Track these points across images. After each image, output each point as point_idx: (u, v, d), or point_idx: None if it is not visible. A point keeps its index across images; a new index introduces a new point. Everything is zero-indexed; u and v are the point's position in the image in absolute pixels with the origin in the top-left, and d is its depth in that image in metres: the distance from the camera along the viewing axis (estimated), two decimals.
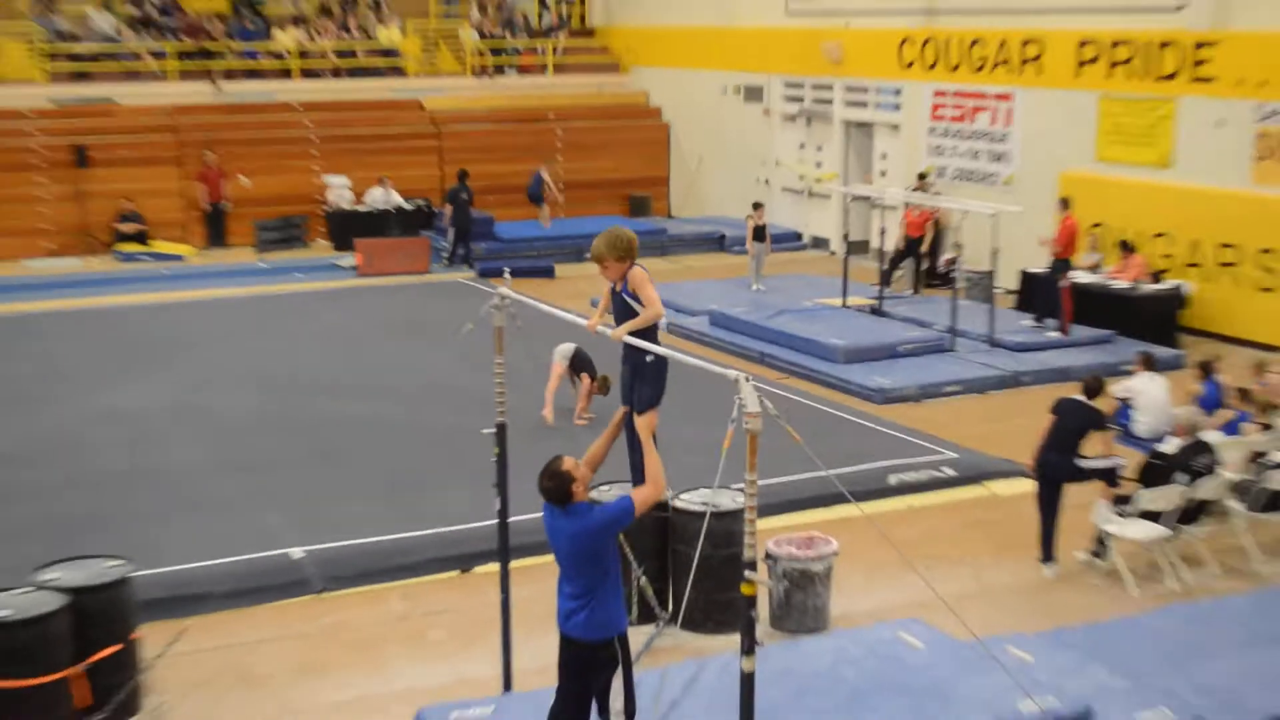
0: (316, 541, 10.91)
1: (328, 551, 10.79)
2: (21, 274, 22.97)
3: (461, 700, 7.94)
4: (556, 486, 6.48)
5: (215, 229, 25.18)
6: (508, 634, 8.27)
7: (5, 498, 12.22)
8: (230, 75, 27.10)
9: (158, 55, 26.68)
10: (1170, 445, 11.27)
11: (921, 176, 22.08)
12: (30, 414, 14.88)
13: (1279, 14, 17.45)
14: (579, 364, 14.38)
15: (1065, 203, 17.73)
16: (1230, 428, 12.31)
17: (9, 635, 7.77)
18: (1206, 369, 13.36)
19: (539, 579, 10.40)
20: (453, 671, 9.12)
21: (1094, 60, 19.91)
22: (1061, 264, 17.34)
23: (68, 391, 15.74)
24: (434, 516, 11.53)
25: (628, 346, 7.20)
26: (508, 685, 8.27)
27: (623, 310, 7.29)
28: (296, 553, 10.72)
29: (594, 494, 8.77)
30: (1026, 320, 18.12)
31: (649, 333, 7.19)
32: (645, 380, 7.20)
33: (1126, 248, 18.54)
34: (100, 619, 8.20)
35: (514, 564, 8.55)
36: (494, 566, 9.04)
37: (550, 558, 10.50)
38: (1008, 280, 19.49)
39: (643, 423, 7.11)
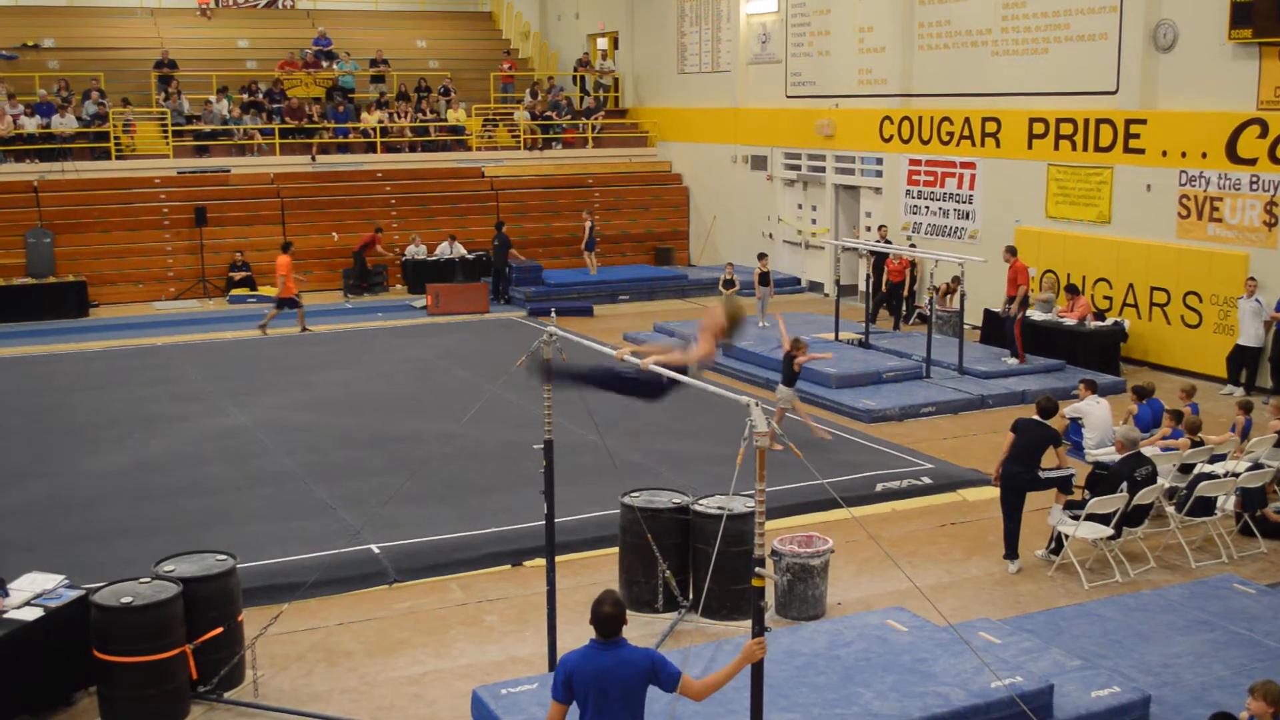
0: (391, 539, 10.76)
1: (400, 547, 10.64)
2: (152, 313, 23.01)
3: (511, 680, 7.75)
4: (618, 614, 5.45)
5: (358, 278, 24.75)
6: (553, 619, 8.12)
7: (139, 500, 12.14)
8: (324, 149, 27.15)
9: (265, 133, 26.80)
10: (1112, 458, 11.09)
11: (880, 228, 22.16)
12: (160, 430, 14.80)
13: (1196, 98, 17.32)
14: None
15: (1012, 250, 17.53)
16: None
17: (131, 618, 7.68)
18: (1143, 393, 13.14)
19: (580, 572, 10.32)
20: (505, 651, 8.96)
21: (1043, 135, 19.72)
22: (1022, 301, 17.10)
23: (190, 411, 15.67)
24: (490, 518, 11.40)
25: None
26: (553, 663, 8.09)
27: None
28: (374, 548, 10.58)
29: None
30: (1006, 356, 17.38)
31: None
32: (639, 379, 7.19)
33: (1073, 290, 18.38)
34: (209, 604, 8.10)
35: (559, 559, 8.41)
36: (541, 561, 8.92)
37: (588, 553, 10.53)
38: (974, 318, 19.26)
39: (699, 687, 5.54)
